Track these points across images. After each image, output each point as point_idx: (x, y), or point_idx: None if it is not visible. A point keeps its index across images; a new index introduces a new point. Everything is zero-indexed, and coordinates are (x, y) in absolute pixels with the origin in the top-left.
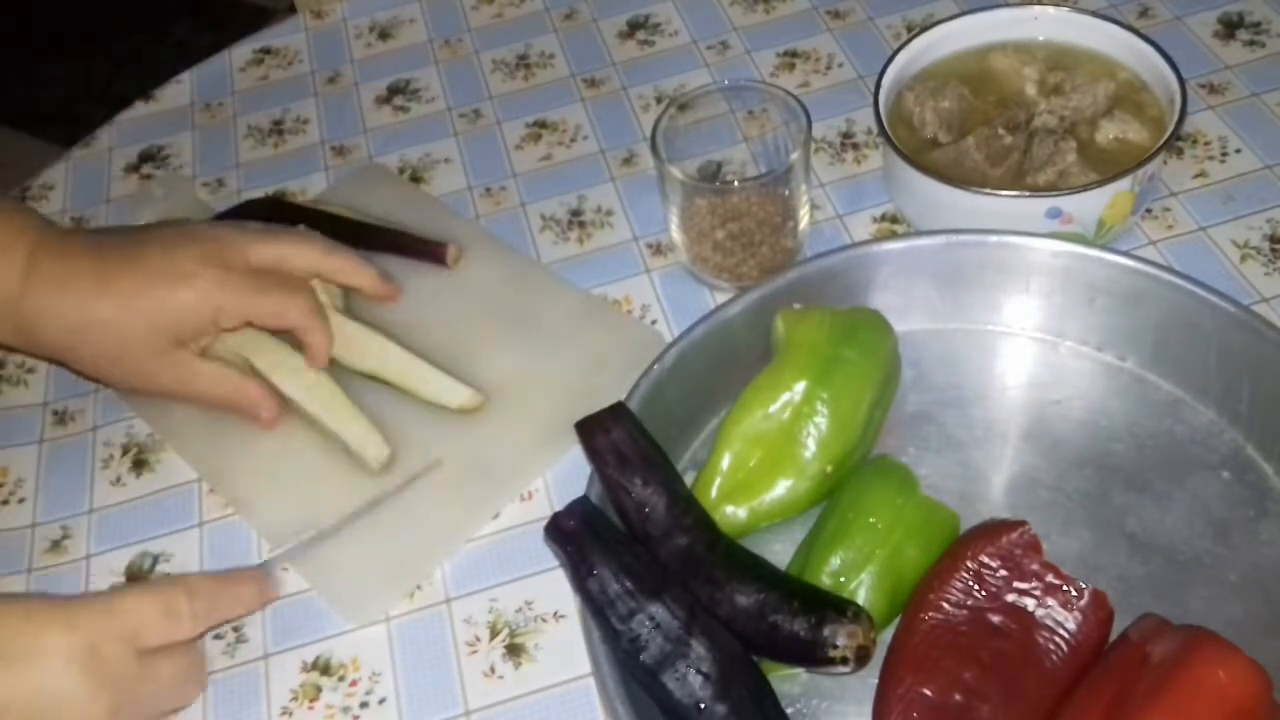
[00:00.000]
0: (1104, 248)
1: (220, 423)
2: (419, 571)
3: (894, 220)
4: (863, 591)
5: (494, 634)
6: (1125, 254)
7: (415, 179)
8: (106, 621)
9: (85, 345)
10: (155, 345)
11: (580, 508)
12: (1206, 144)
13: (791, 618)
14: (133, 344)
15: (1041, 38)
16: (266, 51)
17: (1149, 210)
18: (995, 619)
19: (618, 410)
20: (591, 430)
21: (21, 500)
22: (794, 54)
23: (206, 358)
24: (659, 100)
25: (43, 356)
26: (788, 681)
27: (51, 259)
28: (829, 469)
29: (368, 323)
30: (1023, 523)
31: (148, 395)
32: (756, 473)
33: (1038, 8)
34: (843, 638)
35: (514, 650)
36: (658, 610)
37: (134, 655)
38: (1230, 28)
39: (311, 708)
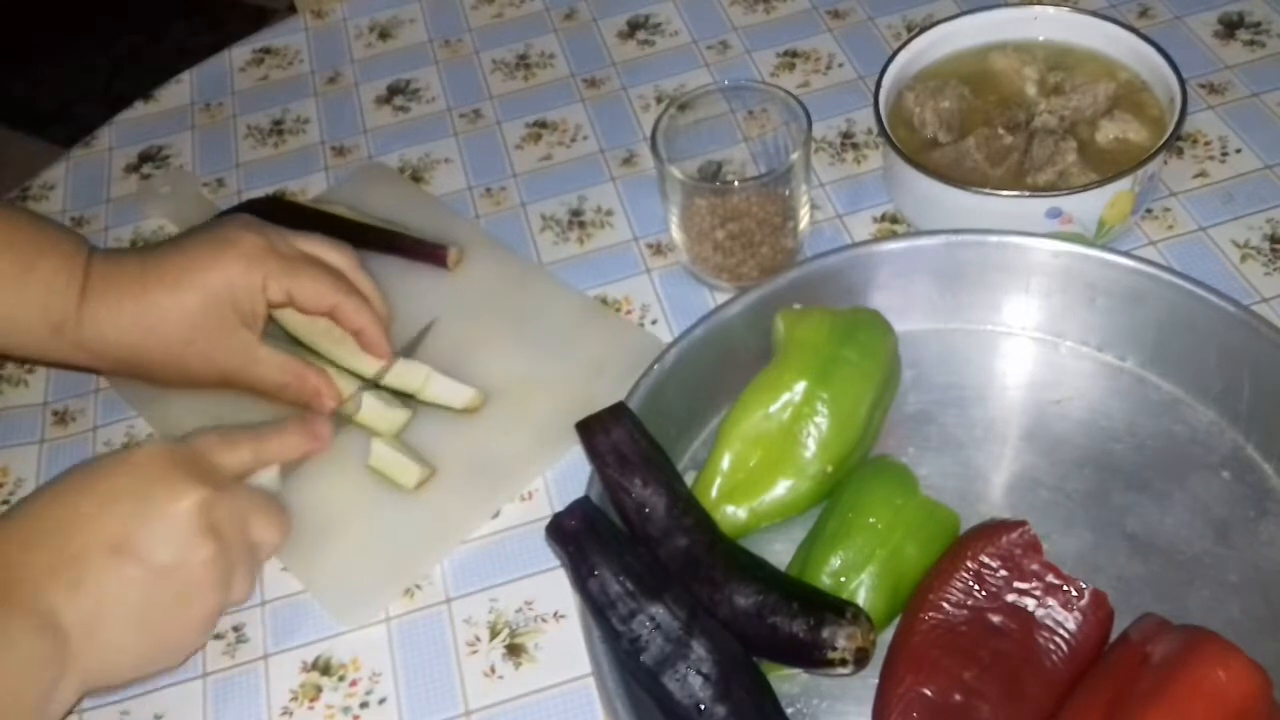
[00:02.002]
0: (1104, 248)
1: (219, 423)
2: (417, 571)
3: (894, 220)
4: (863, 591)
5: (494, 634)
6: (1125, 254)
7: (415, 179)
8: (182, 446)
9: (148, 338)
10: (220, 319)
11: (581, 508)
12: (1206, 144)
13: (791, 619)
14: (196, 322)
15: (1041, 38)
16: (266, 51)
17: (1149, 210)
18: (995, 619)
19: (618, 410)
20: (592, 430)
21: None
22: (794, 54)
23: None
24: (659, 100)
25: (114, 370)
26: (788, 682)
27: (101, 267)
28: (829, 469)
29: None
30: (1023, 523)
31: (207, 388)
32: (756, 473)
33: (1038, 8)
34: (842, 639)
35: (514, 650)
36: (658, 611)
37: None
38: (1230, 28)
39: (311, 708)
